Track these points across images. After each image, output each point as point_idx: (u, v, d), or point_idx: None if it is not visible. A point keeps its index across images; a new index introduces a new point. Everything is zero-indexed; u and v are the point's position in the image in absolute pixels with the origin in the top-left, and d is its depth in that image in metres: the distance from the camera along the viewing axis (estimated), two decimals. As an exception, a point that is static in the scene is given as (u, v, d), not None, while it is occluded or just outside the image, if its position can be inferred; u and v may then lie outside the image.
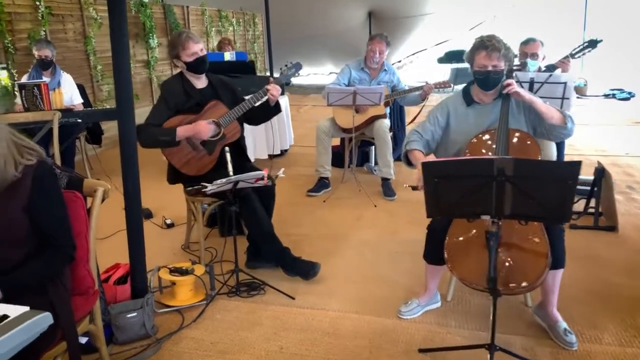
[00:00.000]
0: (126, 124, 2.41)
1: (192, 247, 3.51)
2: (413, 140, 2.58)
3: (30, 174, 1.58)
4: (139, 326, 2.46)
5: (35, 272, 1.60)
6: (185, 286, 2.75)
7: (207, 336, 2.50)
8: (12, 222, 1.57)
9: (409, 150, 2.57)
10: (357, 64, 4.60)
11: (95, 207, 1.88)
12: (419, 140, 2.58)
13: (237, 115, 3.04)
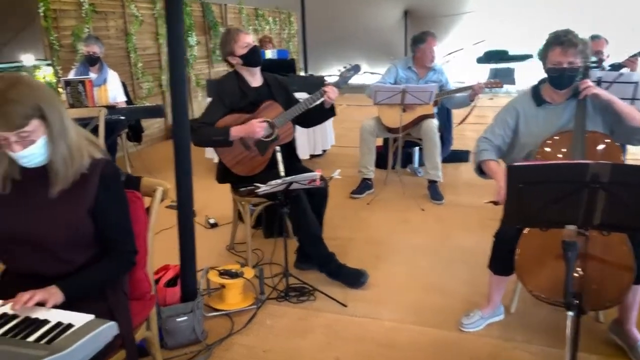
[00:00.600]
0: (180, 123, 2.32)
1: (237, 248, 3.43)
2: (484, 149, 2.43)
3: (98, 174, 1.50)
4: (189, 331, 2.38)
5: (97, 277, 1.52)
6: (235, 289, 2.66)
7: (258, 343, 2.40)
8: (79, 224, 1.49)
9: (482, 161, 2.41)
10: (404, 63, 4.45)
11: (154, 207, 1.80)
12: (490, 148, 2.43)
13: (292, 116, 2.94)
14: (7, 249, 1.52)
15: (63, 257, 1.49)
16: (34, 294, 1.32)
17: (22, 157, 1.42)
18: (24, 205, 1.49)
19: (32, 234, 1.47)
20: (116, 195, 1.56)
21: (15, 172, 1.50)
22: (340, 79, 3.03)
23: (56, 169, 1.46)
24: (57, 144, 1.44)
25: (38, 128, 1.41)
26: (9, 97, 1.35)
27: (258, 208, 3.09)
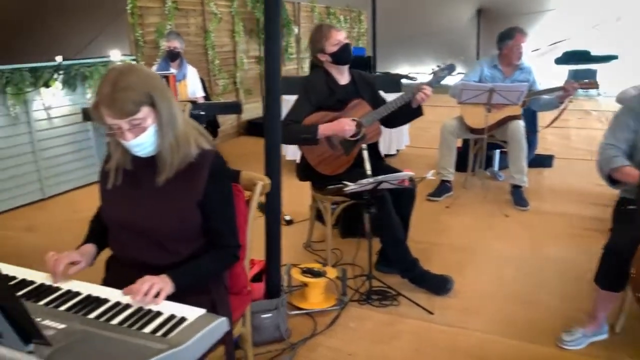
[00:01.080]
0: (272, 121, 2.29)
1: (314, 247, 3.39)
2: (615, 155, 2.22)
3: (207, 166, 1.48)
4: (274, 328, 2.35)
5: (204, 270, 1.50)
6: (318, 289, 2.61)
7: (343, 346, 2.33)
8: (187, 216, 1.48)
9: (616, 168, 2.20)
10: (489, 61, 4.25)
11: (254, 201, 1.76)
12: (620, 154, 2.22)
13: (380, 115, 2.86)
14: (116, 237, 1.53)
15: (170, 247, 1.48)
16: (152, 284, 1.30)
17: (134, 145, 1.42)
18: (134, 194, 1.49)
19: (141, 223, 1.47)
20: (224, 188, 1.54)
21: (126, 162, 1.50)
22: (434, 78, 2.91)
23: (164, 157, 1.45)
24: (166, 132, 1.43)
25: (148, 115, 1.40)
26: (121, 85, 1.35)
27: (339, 207, 3.03)
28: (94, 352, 1.04)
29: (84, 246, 1.57)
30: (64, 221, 4.02)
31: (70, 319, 1.18)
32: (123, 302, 1.30)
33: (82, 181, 4.86)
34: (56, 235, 3.70)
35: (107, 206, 1.54)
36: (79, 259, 1.49)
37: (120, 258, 1.55)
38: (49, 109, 4.48)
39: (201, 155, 1.49)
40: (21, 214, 4.24)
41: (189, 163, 1.48)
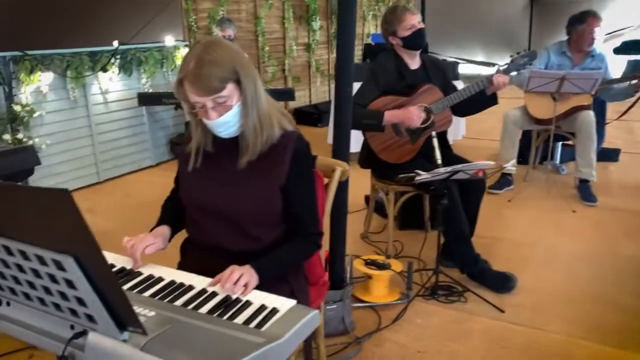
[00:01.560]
0: (343, 105, 2.19)
1: (371, 238, 3.29)
2: None
3: (291, 149, 1.40)
4: (338, 320, 2.27)
5: (287, 260, 1.42)
6: (382, 282, 2.51)
7: (411, 342, 2.22)
8: (269, 201, 1.40)
9: None
10: (557, 48, 4.02)
11: (332, 188, 1.67)
12: None
13: (451, 103, 2.72)
14: (195, 220, 1.47)
15: (251, 233, 1.41)
16: (240, 274, 1.23)
17: (217, 125, 1.35)
18: (215, 177, 1.43)
19: (222, 207, 1.40)
20: (307, 173, 1.45)
21: (207, 143, 1.43)
22: (512, 65, 2.74)
23: (246, 139, 1.38)
24: (250, 112, 1.35)
25: (233, 93, 1.32)
26: (207, 59, 1.28)
27: (403, 198, 2.92)
28: (190, 343, 0.97)
29: (158, 228, 1.51)
30: (119, 204, 4.06)
31: (158, 306, 1.12)
32: (208, 289, 1.23)
33: (136, 166, 4.91)
34: (113, 217, 3.73)
35: (186, 188, 1.48)
36: (154, 241, 1.44)
37: (198, 243, 1.49)
38: (106, 93, 4.52)
39: (284, 137, 1.41)
40: (79, 196, 4.30)
41: (271, 145, 1.40)
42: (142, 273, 1.32)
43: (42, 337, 1.04)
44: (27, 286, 0.98)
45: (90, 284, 0.88)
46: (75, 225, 0.80)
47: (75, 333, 1.00)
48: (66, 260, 0.85)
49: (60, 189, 0.76)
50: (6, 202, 0.86)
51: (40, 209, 0.82)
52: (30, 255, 0.90)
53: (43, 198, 0.79)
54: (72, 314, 0.97)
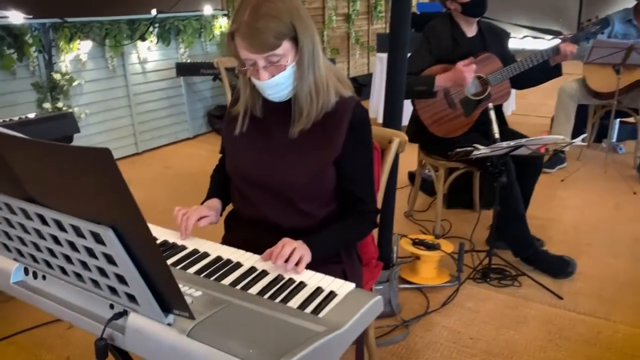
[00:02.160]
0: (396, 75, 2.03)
1: (416, 216, 3.13)
2: None
3: (348, 117, 1.25)
4: (385, 302, 2.15)
5: (341, 238, 1.29)
6: (430, 263, 2.37)
7: (462, 328, 2.09)
8: (322, 175, 1.27)
9: None
10: (622, 16, 3.70)
11: (388, 161, 1.53)
12: None
13: (511, 74, 2.51)
14: (241, 192, 1.35)
15: (303, 208, 1.28)
16: (293, 248, 1.12)
17: (268, 87, 1.21)
18: (264, 146, 1.30)
19: (270, 180, 1.28)
20: (365, 144, 1.31)
21: (256, 107, 1.30)
22: (581, 33, 2.51)
23: (300, 105, 1.24)
24: (305, 75, 1.21)
25: (288, 52, 1.18)
26: (263, 12, 1.14)
27: (453, 175, 2.74)
28: (242, 329, 0.86)
29: (210, 200, 1.40)
30: (157, 176, 4.02)
31: (204, 285, 1.01)
32: (257, 267, 1.11)
33: (173, 137, 4.86)
34: (150, 189, 3.68)
35: (231, 157, 1.36)
36: (208, 213, 1.33)
37: (245, 216, 1.37)
38: (144, 63, 4.45)
39: (341, 103, 1.26)
40: (117, 167, 4.28)
41: (326, 113, 1.25)
42: (185, 247, 1.21)
43: (79, 316, 0.95)
44: (63, 260, 0.89)
45: (132, 259, 0.77)
46: (115, 191, 0.69)
47: (114, 314, 0.90)
48: (105, 232, 0.74)
49: (101, 148, 0.64)
50: (38, 163, 0.76)
51: (77, 172, 0.71)
52: (66, 225, 0.80)
53: (80, 158, 0.68)
54: (112, 292, 0.87)
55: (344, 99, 1.27)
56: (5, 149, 0.77)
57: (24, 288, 1.04)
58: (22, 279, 1.07)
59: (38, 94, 3.74)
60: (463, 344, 1.99)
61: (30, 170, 0.78)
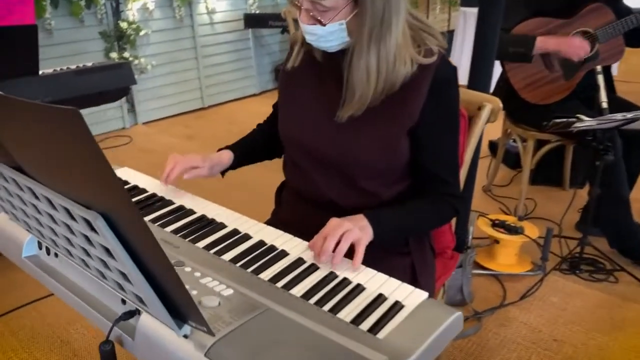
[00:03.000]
0: (488, 30, 1.70)
1: (495, 192, 2.81)
2: None
3: (429, 78, 0.99)
4: (455, 289, 1.90)
5: (415, 221, 1.04)
6: (511, 248, 2.08)
7: (544, 326, 1.81)
8: (392, 148, 1.02)
9: None
10: None
11: (476, 132, 1.25)
12: None
13: (625, 28, 2.09)
14: (293, 162, 1.14)
15: (366, 187, 1.05)
16: (343, 233, 0.90)
17: (307, 32, 0.98)
18: (322, 109, 1.06)
19: (328, 152, 1.05)
20: (450, 110, 1.04)
21: (315, 49, 1.05)
22: None
23: (352, 83, 0.98)
24: (364, 49, 0.94)
25: (339, 6, 0.93)
26: None
27: (544, 148, 2.39)
28: (275, 352, 0.66)
29: (219, 152, 1.22)
30: (220, 133, 3.91)
31: (238, 279, 0.82)
32: (306, 259, 0.91)
33: (239, 93, 4.72)
34: (212, 146, 3.56)
35: (284, 119, 1.14)
36: (200, 164, 1.15)
37: (297, 191, 1.16)
38: (212, 13, 4.29)
39: (419, 69, 0.99)
40: (182, 121, 4.22)
41: (400, 86, 0.99)
42: (225, 225, 1.02)
43: (88, 308, 0.79)
44: (65, 242, 0.72)
45: (136, 261, 0.58)
46: (92, 166, 0.49)
47: (124, 312, 0.73)
48: (94, 219, 0.55)
49: (68, 108, 0.44)
50: (15, 125, 0.57)
51: (50, 138, 0.52)
52: (57, 204, 0.62)
53: (49, 119, 0.49)
54: (119, 288, 0.69)
55: (423, 67, 0.99)
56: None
57: (35, 264, 0.90)
58: (35, 253, 0.92)
59: (105, 43, 3.68)
60: (545, 346, 1.72)
61: (9, 132, 0.60)
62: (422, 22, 1.02)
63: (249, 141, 1.27)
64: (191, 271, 0.83)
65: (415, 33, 1.01)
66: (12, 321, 1.91)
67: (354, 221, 0.94)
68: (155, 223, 1.02)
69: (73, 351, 1.76)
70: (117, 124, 3.96)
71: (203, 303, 0.74)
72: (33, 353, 1.76)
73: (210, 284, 0.79)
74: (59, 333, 1.84)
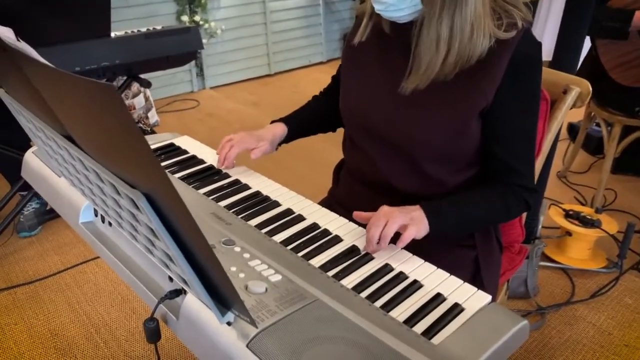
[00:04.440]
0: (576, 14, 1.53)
1: (571, 179, 2.62)
2: None
3: (508, 54, 0.88)
4: (519, 281, 1.80)
5: (481, 215, 0.96)
6: (585, 242, 1.93)
7: (616, 329, 1.68)
8: (461, 131, 0.93)
9: None
10: None
11: (558, 119, 1.13)
12: None
13: None
14: (353, 141, 1.07)
15: (430, 172, 0.97)
16: (387, 221, 0.83)
17: (375, 0, 0.89)
18: (386, 83, 0.98)
19: (391, 133, 0.98)
20: (529, 92, 0.93)
21: (384, 20, 0.97)
22: None
23: (419, 55, 0.89)
24: (436, 15, 0.85)
25: None
26: None
27: (632, 135, 2.18)
28: (321, 349, 0.61)
29: (271, 126, 1.18)
30: (285, 100, 3.88)
31: (288, 264, 0.78)
32: (360, 247, 0.85)
33: (306, 60, 4.66)
34: (276, 113, 3.53)
35: (346, 95, 1.07)
36: (256, 145, 1.12)
37: (356, 172, 1.10)
38: (283, -22, 4.22)
39: (496, 44, 0.88)
40: (248, 88, 4.22)
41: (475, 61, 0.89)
42: (279, 204, 0.98)
43: (137, 281, 0.78)
44: (115, 214, 0.70)
45: (176, 240, 0.55)
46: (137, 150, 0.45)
47: (170, 291, 0.71)
48: (138, 198, 0.52)
49: (103, 83, 0.40)
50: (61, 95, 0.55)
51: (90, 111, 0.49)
52: (103, 178, 0.60)
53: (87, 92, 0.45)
54: (165, 266, 0.67)
55: (502, 43, 0.89)
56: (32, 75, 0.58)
57: (90, 231, 0.90)
58: (91, 219, 0.93)
59: (178, 6, 3.71)
60: (614, 351, 1.59)
61: (57, 101, 0.58)
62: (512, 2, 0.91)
63: (303, 114, 1.23)
64: (240, 251, 0.80)
65: (496, 4, 0.90)
66: (77, 275, 2.01)
67: (406, 211, 0.87)
68: (210, 196, 0.99)
69: (132, 309, 1.82)
70: (186, 87, 4.03)
71: (249, 288, 0.70)
72: (96, 307, 1.84)
73: (259, 267, 0.76)
74: (120, 290, 1.92)
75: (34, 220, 2.24)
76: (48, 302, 1.87)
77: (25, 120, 0.80)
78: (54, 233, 2.26)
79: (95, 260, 2.08)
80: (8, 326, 1.76)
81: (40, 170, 1.06)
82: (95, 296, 1.89)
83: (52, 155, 0.84)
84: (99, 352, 1.65)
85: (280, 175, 1.11)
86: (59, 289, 1.93)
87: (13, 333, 1.73)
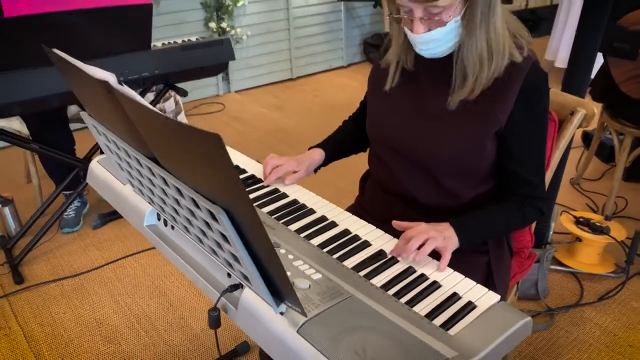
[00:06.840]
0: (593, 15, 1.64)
1: (583, 185, 2.72)
2: None
3: (519, 81, 1.01)
4: (530, 284, 1.91)
5: (498, 226, 1.09)
6: (594, 248, 2.04)
7: (621, 331, 1.79)
8: (478, 150, 1.07)
9: None
10: None
11: (566, 137, 1.25)
12: None
13: None
14: (377, 156, 1.21)
15: (448, 186, 1.10)
16: (427, 238, 0.96)
17: (422, 42, 1.02)
18: (412, 108, 1.12)
19: (414, 149, 1.11)
20: (538, 116, 1.06)
21: (408, 60, 1.11)
22: None
23: (464, 69, 1.02)
24: (475, 33, 0.98)
25: (453, 5, 0.96)
26: None
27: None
28: (357, 335, 0.75)
29: (310, 152, 1.31)
30: (307, 104, 4.02)
31: (325, 264, 0.92)
32: (387, 252, 0.99)
33: (327, 65, 4.79)
34: (298, 116, 3.70)
35: (373, 117, 1.21)
36: (297, 168, 1.24)
37: (380, 183, 1.24)
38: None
39: (512, 68, 1.01)
40: (272, 91, 4.38)
41: (495, 79, 1.02)
42: (314, 211, 1.12)
43: (198, 276, 0.92)
44: (185, 221, 0.85)
45: (246, 246, 0.69)
46: (226, 179, 0.60)
47: (230, 285, 0.85)
48: (218, 213, 0.66)
49: (211, 133, 0.55)
50: (157, 131, 0.69)
51: (190, 150, 0.63)
52: (185, 194, 0.74)
53: (192, 138, 0.59)
54: (228, 265, 0.81)
55: (513, 66, 1.02)
56: (132, 113, 0.72)
57: (154, 233, 1.05)
58: (154, 223, 1.08)
59: (206, 13, 3.87)
60: (618, 351, 1.70)
61: (151, 134, 0.72)
62: (516, 23, 1.05)
63: (337, 138, 1.36)
64: (285, 253, 0.94)
65: (509, 24, 1.03)
66: (117, 269, 2.17)
67: (440, 230, 1.00)
68: (254, 203, 1.14)
69: (169, 301, 1.98)
70: (212, 90, 4.19)
71: (296, 285, 0.84)
72: (135, 299, 2.00)
73: (302, 267, 0.90)
74: (158, 284, 2.08)
75: (98, 221, 2.44)
76: (92, 293, 2.04)
77: (106, 140, 0.95)
78: (93, 230, 2.44)
79: (133, 256, 2.25)
80: (58, 315, 1.93)
81: (106, 178, 1.21)
82: (135, 289, 2.05)
83: (124, 168, 0.99)
84: (140, 341, 1.81)
85: (307, 180, 1.26)
86: (102, 282, 2.10)
87: (62, 321, 1.90)
